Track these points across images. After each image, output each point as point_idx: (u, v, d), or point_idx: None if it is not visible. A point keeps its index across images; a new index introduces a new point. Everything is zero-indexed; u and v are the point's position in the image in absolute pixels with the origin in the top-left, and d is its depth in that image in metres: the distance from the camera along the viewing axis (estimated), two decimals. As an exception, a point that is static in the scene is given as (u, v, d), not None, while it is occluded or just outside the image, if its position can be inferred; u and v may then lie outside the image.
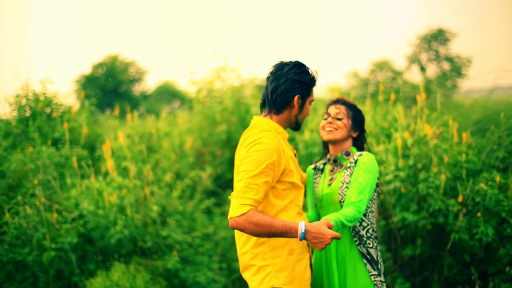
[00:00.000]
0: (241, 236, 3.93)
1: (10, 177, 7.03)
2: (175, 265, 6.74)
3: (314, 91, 4.06)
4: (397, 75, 20.38)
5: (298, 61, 3.94)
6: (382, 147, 7.15)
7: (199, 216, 7.42)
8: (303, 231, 3.57)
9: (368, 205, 4.14)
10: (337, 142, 4.29)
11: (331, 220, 3.70)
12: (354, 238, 4.11)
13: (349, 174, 4.12)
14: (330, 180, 4.26)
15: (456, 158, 6.71)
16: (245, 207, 3.50)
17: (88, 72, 16.94)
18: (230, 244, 7.60)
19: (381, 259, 4.22)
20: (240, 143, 3.92)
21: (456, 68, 19.71)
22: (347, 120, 4.26)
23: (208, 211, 7.88)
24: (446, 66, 19.90)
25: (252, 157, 3.63)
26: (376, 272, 4.10)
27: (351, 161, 4.18)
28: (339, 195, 4.11)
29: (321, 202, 4.26)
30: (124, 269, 6.45)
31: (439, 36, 20.05)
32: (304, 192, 4.43)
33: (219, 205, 8.02)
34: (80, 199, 6.72)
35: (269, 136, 3.75)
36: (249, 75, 9.31)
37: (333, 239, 3.94)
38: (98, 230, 6.71)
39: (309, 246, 4.08)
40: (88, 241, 6.89)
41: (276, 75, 3.90)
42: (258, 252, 3.84)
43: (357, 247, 4.11)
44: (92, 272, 6.74)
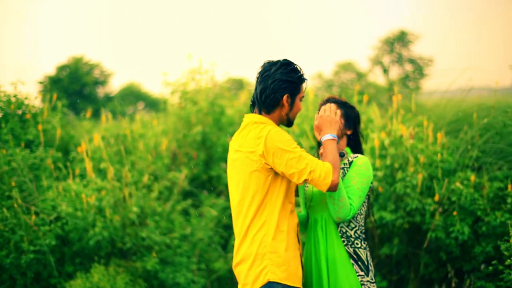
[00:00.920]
0: (241, 232, 3.97)
1: (-16, 180, 6.94)
2: (155, 266, 6.74)
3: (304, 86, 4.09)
4: (361, 77, 20.57)
5: (286, 60, 3.98)
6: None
7: (177, 217, 7.42)
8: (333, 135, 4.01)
9: None
10: None
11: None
12: (342, 239, 4.09)
13: (342, 176, 4.12)
14: None
15: (432, 158, 6.82)
16: (326, 164, 3.77)
17: (53, 74, 16.75)
18: (207, 245, 7.62)
19: (371, 259, 4.22)
20: (238, 139, 4.00)
21: (418, 69, 20.00)
22: (339, 119, 4.21)
23: (185, 212, 7.88)
24: (409, 68, 20.17)
25: (279, 141, 3.76)
26: (363, 273, 4.08)
27: (346, 163, 4.17)
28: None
29: (311, 202, 4.26)
30: (104, 271, 6.42)
31: (402, 39, 20.31)
32: (297, 191, 4.46)
33: (196, 206, 8.03)
34: (58, 201, 6.67)
35: (271, 124, 3.92)
36: (223, 76, 9.36)
37: (322, 240, 4.09)
38: (76, 232, 6.67)
39: (300, 243, 4.13)
40: (66, 243, 6.84)
41: (264, 76, 3.93)
42: (256, 249, 3.87)
43: (345, 248, 4.09)
44: (70, 275, 6.70)
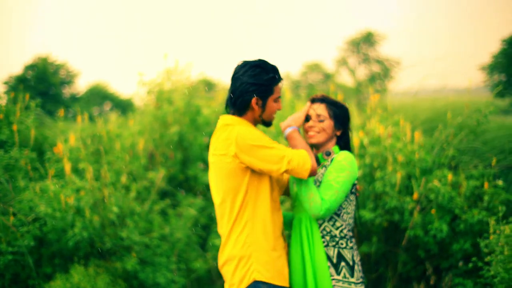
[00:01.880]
0: (225, 232, 3.99)
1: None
2: (134, 266, 6.72)
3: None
4: (328, 78, 20.70)
5: (258, 61, 3.97)
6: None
7: (155, 218, 7.41)
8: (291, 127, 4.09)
9: (343, 206, 4.07)
10: (321, 144, 4.25)
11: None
12: (324, 238, 4.06)
13: (323, 173, 4.09)
14: None
15: (409, 157, 6.90)
16: (301, 152, 3.83)
17: (19, 73, 16.55)
18: (186, 245, 7.62)
19: (359, 260, 4.16)
20: (212, 142, 4.01)
21: (385, 70, 20.18)
22: (329, 121, 4.18)
23: (163, 212, 7.87)
24: (376, 68, 20.33)
25: (250, 138, 3.79)
26: (340, 277, 4.01)
27: (328, 160, 4.16)
28: None
29: (295, 202, 4.27)
30: (84, 272, 6.38)
31: (368, 39, 20.47)
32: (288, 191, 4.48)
33: (174, 206, 8.02)
34: (36, 202, 6.60)
35: (240, 124, 3.91)
36: (199, 76, 9.37)
37: (305, 240, 4.07)
38: (55, 233, 6.61)
39: (285, 242, 4.16)
40: (43, 244, 6.78)
41: (234, 78, 3.96)
42: (240, 249, 3.89)
43: (324, 249, 4.05)
44: (49, 276, 6.64)
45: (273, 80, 3.95)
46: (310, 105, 4.27)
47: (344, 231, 4.07)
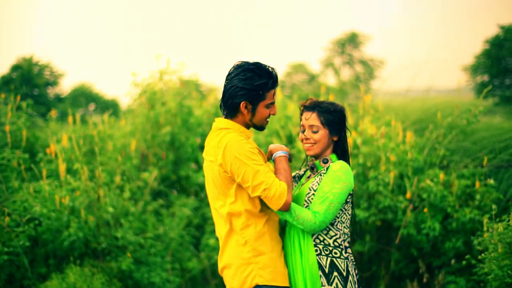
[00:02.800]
0: (222, 236, 3.99)
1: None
2: (129, 266, 6.73)
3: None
4: (312, 78, 20.78)
5: (252, 64, 3.89)
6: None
7: (150, 218, 7.43)
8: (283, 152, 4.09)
9: (337, 215, 3.97)
10: (319, 154, 4.13)
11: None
12: (317, 247, 3.94)
13: (318, 181, 3.99)
14: (302, 185, 4.16)
15: (402, 157, 6.98)
16: (282, 184, 3.78)
17: (5, 73, 16.43)
18: (180, 245, 7.65)
19: (354, 269, 4.05)
20: (208, 146, 4.00)
21: (369, 71, 20.32)
22: (323, 130, 4.03)
23: (156, 213, 7.89)
24: (360, 69, 20.46)
25: (235, 153, 3.75)
26: (331, 287, 3.88)
27: (324, 169, 4.03)
28: (305, 202, 3.97)
29: None
30: (80, 272, 6.39)
31: (353, 40, 20.59)
32: None
33: (166, 207, 8.04)
34: (31, 202, 6.59)
35: (231, 132, 3.87)
36: (192, 77, 9.39)
37: (298, 248, 4.01)
38: (50, 233, 6.61)
39: (281, 242, 4.14)
40: (38, 245, 6.78)
41: (227, 80, 3.93)
42: (239, 253, 3.90)
43: (316, 258, 3.93)
44: (44, 276, 6.64)
45: (265, 86, 3.87)
46: (303, 114, 4.14)
47: (338, 241, 3.97)
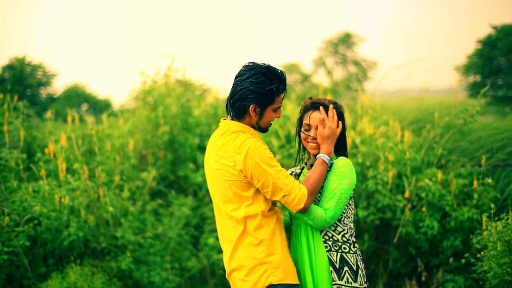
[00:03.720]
0: (233, 239, 3.96)
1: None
2: (129, 266, 6.74)
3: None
4: (305, 78, 20.80)
5: (264, 68, 3.86)
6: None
7: (149, 217, 7.45)
8: (328, 157, 3.99)
9: (344, 211, 4.03)
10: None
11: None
12: (327, 243, 3.99)
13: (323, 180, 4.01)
14: None
15: (400, 156, 7.03)
16: (303, 188, 3.79)
17: (-2, 73, 16.43)
18: (179, 244, 7.66)
19: (362, 264, 4.09)
20: (217, 147, 3.95)
21: (362, 71, 20.34)
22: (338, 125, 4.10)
23: (155, 212, 7.90)
24: (353, 69, 20.47)
25: (257, 159, 3.75)
26: (342, 282, 3.92)
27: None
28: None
29: None
30: (80, 271, 6.40)
31: (346, 40, 20.59)
32: None
33: (164, 206, 8.06)
34: (30, 202, 6.60)
35: (248, 136, 3.85)
36: (199, 79, 9.46)
37: (305, 247, 4.04)
38: (49, 233, 6.61)
39: (287, 241, 4.18)
40: (37, 244, 6.78)
41: (236, 81, 3.90)
42: (252, 254, 3.90)
43: (326, 254, 3.98)
44: (43, 275, 6.64)
45: (276, 91, 3.86)
46: (310, 114, 4.15)
47: (347, 236, 4.01)
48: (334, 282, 3.92)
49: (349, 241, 4.02)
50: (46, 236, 6.62)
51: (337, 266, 3.95)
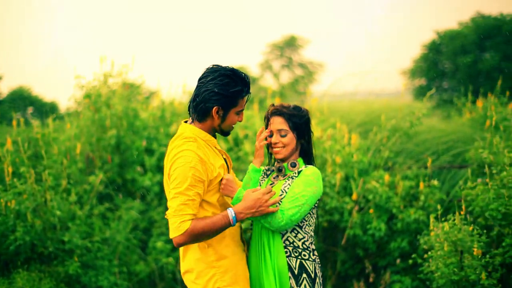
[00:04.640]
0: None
1: None
2: (77, 270, 6.66)
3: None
4: (253, 81, 20.84)
5: (229, 70, 3.84)
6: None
7: (96, 221, 7.36)
8: (234, 215, 3.73)
9: (306, 218, 3.99)
10: (287, 157, 4.15)
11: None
12: (287, 248, 3.96)
13: (290, 184, 4.00)
14: (270, 185, 4.12)
15: (347, 159, 7.08)
16: (186, 223, 3.60)
17: None
18: (127, 248, 7.60)
19: (320, 273, 4.09)
20: (167, 153, 3.91)
21: (308, 74, 20.48)
22: (291, 134, 4.06)
23: (103, 216, 7.81)
24: (300, 72, 20.59)
25: (178, 173, 3.68)
26: (302, 287, 3.92)
27: (295, 172, 4.04)
28: (277, 204, 3.91)
29: None
30: (28, 276, 6.30)
31: (292, 43, 20.71)
32: None
33: (112, 210, 7.97)
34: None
35: (192, 148, 3.76)
36: (138, 79, 9.31)
37: (267, 249, 3.99)
38: (-6, 238, 6.50)
39: (245, 245, 4.19)
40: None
41: (200, 82, 3.85)
42: (201, 257, 3.89)
43: (286, 259, 3.95)
44: (-11, 281, 6.52)
45: (240, 93, 3.83)
46: (270, 119, 4.14)
47: (307, 243, 3.99)
48: None
49: (309, 249, 4.01)
50: (-10, 242, 6.51)
51: (296, 273, 3.94)
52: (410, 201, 6.90)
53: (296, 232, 3.98)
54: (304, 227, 4.00)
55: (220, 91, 3.76)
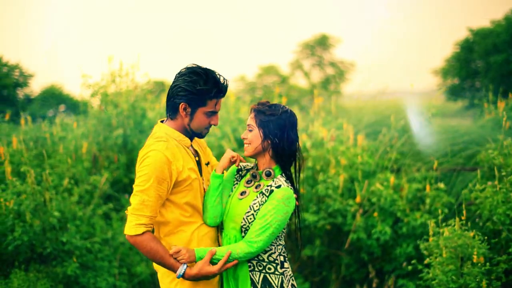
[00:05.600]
0: None
1: None
2: (75, 271, 6.62)
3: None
4: (283, 80, 20.75)
5: (202, 69, 3.77)
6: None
7: (98, 222, 7.31)
8: (181, 274, 3.65)
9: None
10: (256, 158, 3.91)
11: (219, 253, 3.67)
12: (249, 264, 3.81)
13: (259, 202, 3.77)
14: (242, 194, 3.91)
15: (352, 160, 6.91)
16: (140, 228, 3.60)
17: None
18: (129, 249, 7.54)
19: (289, 285, 3.86)
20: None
21: (339, 73, 20.31)
22: (256, 131, 3.80)
23: (106, 216, 7.77)
24: (331, 71, 20.43)
25: (142, 172, 3.64)
26: None
27: (267, 189, 3.78)
28: (243, 220, 3.78)
29: (227, 213, 3.94)
30: (24, 276, 6.27)
31: (323, 42, 20.56)
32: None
33: (117, 210, 7.92)
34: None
35: (160, 148, 3.70)
36: (143, 78, 9.20)
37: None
38: (-6, 237, 6.48)
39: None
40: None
41: (174, 79, 3.83)
42: None
43: (249, 273, 3.82)
44: (-12, 281, 6.51)
45: (207, 93, 3.72)
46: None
47: (274, 256, 3.81)
48: None
49: (276, 261, 3.82)
50: (-10, 241, 6.49)
51: (259, 287, 3.80)
52: (418, 205, 6.70)
53: None
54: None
55: (187, 87, 3.71)
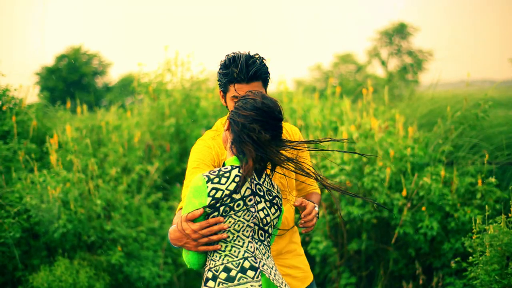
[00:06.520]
0: None
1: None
2: (119, 260, 6.66)
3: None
4: (360, 69, 20.47)
5: (233, 54, 3.54)
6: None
7: (146, 211, 7.33)
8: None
9: None
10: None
11: None
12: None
13: None
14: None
15: (402, 152, 6.69)
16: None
17: (51, 64, 16.75)
18: (176, 239, 7.53)
19: None
20: None
21: (417, 62, 19.85)
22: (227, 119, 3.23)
23: (156, 206, 7.79)
24: (408, 60, 20.00)
25: (189, 157, 3.63)
26: None
27: None
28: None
29: None
30: (68, 264, 6.35)
31: (401, 31, 20.15)
32: None
33: (167, 200, 7.93)
34: (24, 193, 6.57)
35: (206, 137, 3.68)
36: (198, 67, 9.15)
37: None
38: (42, 225, 6.57)
39: None
40: (33, 236, 6.75)
41: None
42: None
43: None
44: (36, 267, 6.62)
45: (226, 76, 3.52)
46: None
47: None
48: None
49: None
50: (39, 228, 6.59)
51: None
52: (470, 199, 6.44)
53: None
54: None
55: (218, 73, 3.64)
